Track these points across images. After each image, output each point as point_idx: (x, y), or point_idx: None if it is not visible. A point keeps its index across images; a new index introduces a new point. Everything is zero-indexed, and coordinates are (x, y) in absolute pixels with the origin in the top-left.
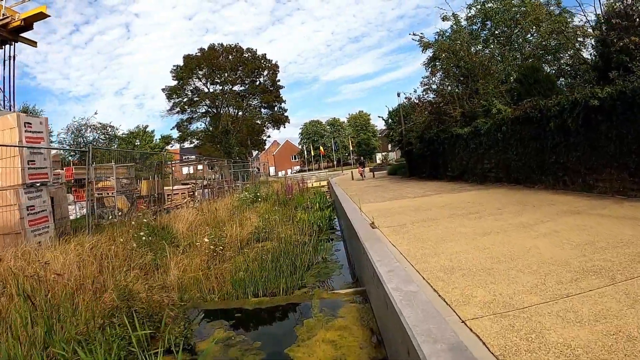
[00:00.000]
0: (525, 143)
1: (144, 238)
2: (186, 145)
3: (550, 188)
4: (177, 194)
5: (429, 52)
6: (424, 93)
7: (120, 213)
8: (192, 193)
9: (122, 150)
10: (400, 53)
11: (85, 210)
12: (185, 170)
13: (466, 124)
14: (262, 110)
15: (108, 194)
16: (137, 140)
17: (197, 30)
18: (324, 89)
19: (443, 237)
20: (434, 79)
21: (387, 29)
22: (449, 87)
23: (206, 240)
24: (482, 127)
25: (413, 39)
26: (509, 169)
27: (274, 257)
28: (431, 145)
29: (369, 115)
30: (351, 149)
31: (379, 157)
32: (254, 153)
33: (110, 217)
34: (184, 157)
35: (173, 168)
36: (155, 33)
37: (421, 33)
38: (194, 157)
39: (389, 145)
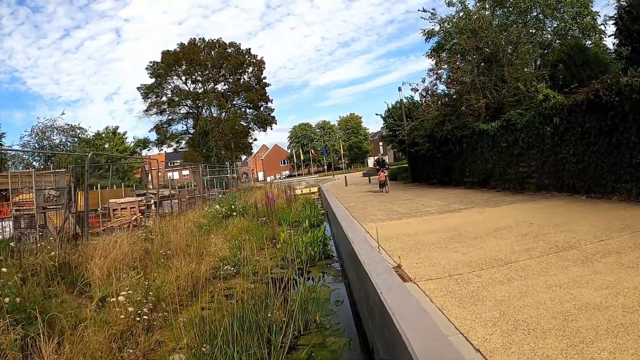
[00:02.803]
0: (589, 139)
1: (6, 300)
2: (167, 150)
3: (633, 199)
4: (125, 208)
5: (433, 43)
6: (432, 85)
7: (51, 235)
8: (144, 207)
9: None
10: (390, 57)
11: (9, 229)
12: (170, 176)
13: (491, 118)
14: (247, 110)
15: (29, 209)
16: (106, 144)
17: (187, 35)
18: (314, 94)
19: (569, 320)
20: (443, 68)
21: (376, 34)
22: (470, 75)
23: (121, 298)
24: (517, 121)
25: (422, 17)
26: (561, 173)
27: (236, 320)
28: (444, 146)
29: (360, 118)
30: (342, 152)
31: (371, 161)
32: (243, 158)
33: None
34: (169, 163)
35: (151, 174)
36: (146, 38)
37: (433, 9)
38: (178, 162)
39: (381, 149)
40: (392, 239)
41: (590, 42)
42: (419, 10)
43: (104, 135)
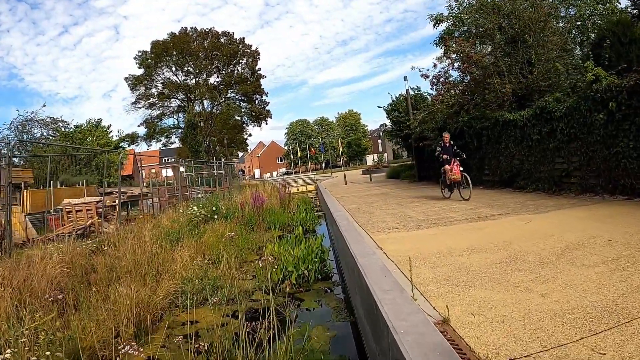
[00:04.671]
0: None
1: None
2: (157, 145)
3: None
4: (81, 210)
5: (441, 31)
6: (444, 72)
7: None
8: (105, 209)
9: None
10: (388, 56)
11: None
12: (164, 173)
13: (518, 106)
14: (241, 104)
15: None
16: (89, 137)
17: None
18: (311, 92)
19: None
20: (458, 51)
21: (374, 33)
22: (492, 56)
23: None
24: (555, 108)
25: None
26: (615, 171)
27: None
28: (458, 139)
29: (359, 115)
30: (341, 150)
31: (370, 158)
32: (240, 155)
33: None
34: (163, 160)
35: (143, 171)
36: (144, 36)
37: None
38: (173, 158)
39: (380, 146)
40: (418, 261)
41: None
42: None
43: (84, 128)
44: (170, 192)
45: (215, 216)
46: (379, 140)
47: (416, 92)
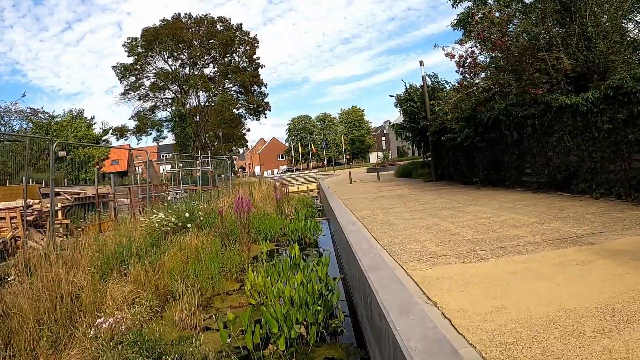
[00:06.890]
0: None
1: None
2: (146, 139)
3: None
4: (4, 218)
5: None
6: (472, 52)
7: None
8: (33, 217)
9: None
10: (390, 55)
11: None
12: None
13: (576, 88)
14: (238, 95)
15: None
16: (68, 129)
17: None
18: (313, 89)
19: None
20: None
21: (377, 31)
22: (540, 27)
23: None
24: (636, 87)
25: None
26: None
27: None
28: (492, 131)
29: (362, 111)
30: (344, 147)
31: (373, 156)
32: (241, 151)
33: None
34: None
35: (140, 167)
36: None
37: None
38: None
39: (383, 143)
40: (526, 347)
41: None
42: None
43: (61, 119)
44: (145, 193)
45: (189, 224)
46: (383, 138)
47: (433, 80)
